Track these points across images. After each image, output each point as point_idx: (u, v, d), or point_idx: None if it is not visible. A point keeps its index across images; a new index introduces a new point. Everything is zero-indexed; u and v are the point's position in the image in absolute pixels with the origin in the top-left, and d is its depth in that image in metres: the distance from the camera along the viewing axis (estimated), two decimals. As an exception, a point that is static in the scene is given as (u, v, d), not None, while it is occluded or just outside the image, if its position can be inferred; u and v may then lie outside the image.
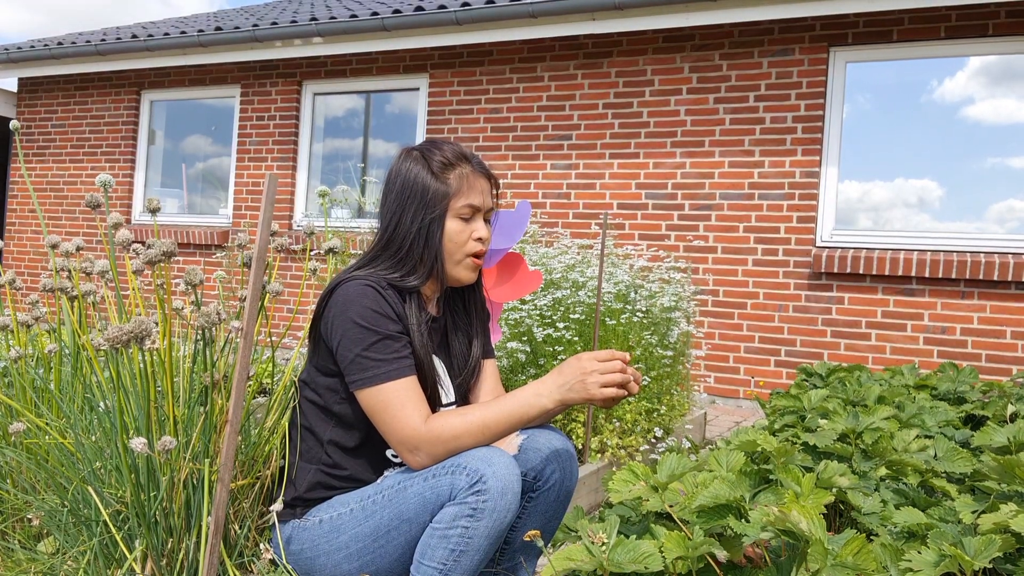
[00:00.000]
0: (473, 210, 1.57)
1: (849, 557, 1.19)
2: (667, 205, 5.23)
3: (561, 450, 1.58)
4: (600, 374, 1.39)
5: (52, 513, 1.65)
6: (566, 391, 1.41)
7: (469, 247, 1.58)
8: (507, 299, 2.34)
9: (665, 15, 4.93)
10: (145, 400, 1.53)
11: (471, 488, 1.34)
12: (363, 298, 1.47)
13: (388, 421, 1.44)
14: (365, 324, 1.46)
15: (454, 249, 1.57)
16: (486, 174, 1.61)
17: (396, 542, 1.43)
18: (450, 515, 1.35)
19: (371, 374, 1.44)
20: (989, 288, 4.45)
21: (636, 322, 3.11)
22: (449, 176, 1.56)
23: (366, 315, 1.46)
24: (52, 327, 2.01)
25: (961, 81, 4.83)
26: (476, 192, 1.57)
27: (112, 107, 7.31)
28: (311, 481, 1.56)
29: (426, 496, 1.39)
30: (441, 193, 1.55)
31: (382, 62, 6.19)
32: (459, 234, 1.57)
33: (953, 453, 1.87)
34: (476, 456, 1.38)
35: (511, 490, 1.35)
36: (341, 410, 1.55)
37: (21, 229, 7.74)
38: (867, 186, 4.95)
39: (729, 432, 4.01)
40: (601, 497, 2.64)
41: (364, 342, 1.45)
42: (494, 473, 1.34)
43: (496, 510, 1.34)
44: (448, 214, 1.56)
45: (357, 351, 1.45)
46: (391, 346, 1.47)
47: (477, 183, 1.58)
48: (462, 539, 1.34)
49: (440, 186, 1.55)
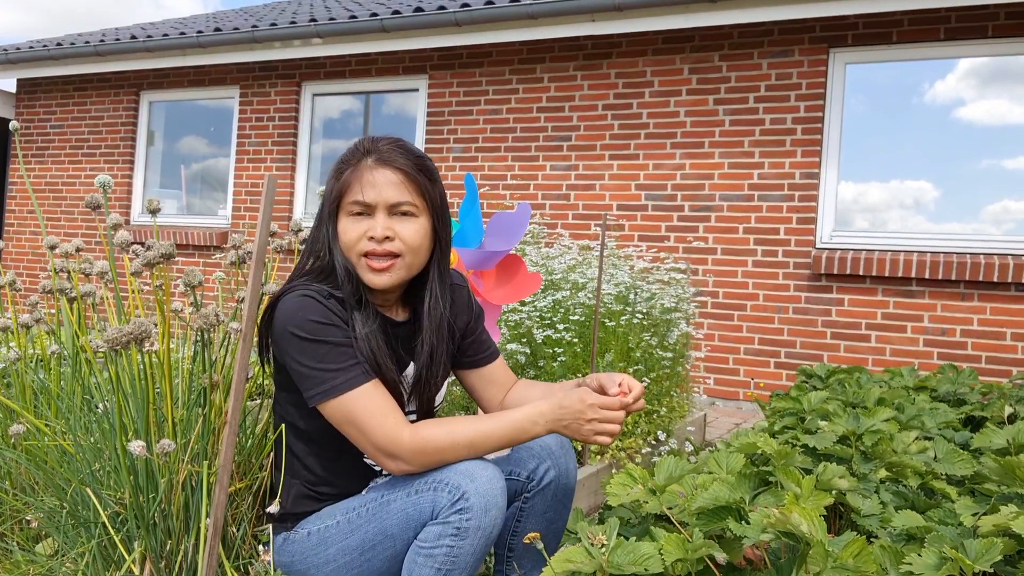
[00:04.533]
0: (363, 206, 1.43)
1: (849, 559, 1.19)
2: (667, 206, 5.22)
3: (554, 447, 1.55)
4: (599, 422, 1.39)
5: (51, 515, 1.64)
6: (561, 426, 1.40)
7: (360, 247, 1.43)
8: (506, 301, 2.33)
9: (664, 16, 4.92)
10: (144, 402, 1.52)
11: (453, 506, 1.31)
12: (302, 310, 1.39)
13: (358, 431, 1.38)
14: (310, 337, 1.38)
15: (347, 250, 1.45)
16: (393, 166, 1.43)
17: (381, 556, 1.41)
18: (434, 534, 1.32)
19: (328, 386, 1.38)
20: (989, 290, 4.45)
21: (636, 324, 3.11)
22: (345, 172, 1.45)
23: (309, 327, 1.38)
24: (51, 328, 2.01)
25: (957, 83, 4.84)
26: (367, 186, 1.42)
27: (111, 108, 7.30)
28: (295, 496, 1.53)
29: (408, 512, 1.36)
30: (335, 190, 1.45)
31: (381, 63, 6.19)
32: (346, 233, 1.44)
33: (953, 455, 1.87)
34: (458, 471, 1.34)
35: (495, 505, 1.32)
36: (307, 425, 1.49)
37: (20, 230, 7.74)
38: (863, 187, 4.95)
39: (729, 434, 4.01)
40: (601, 499, 2.64)
41: (314, 355, 1.38)
42: (476, 490, 1.31)
43: (481, 527, 1.31)
44: (340, 213, 1.45)
45: (310, 364, 1.38)
46: (344, 353, 1.39)
47: (372, 176, 1.42)
48: (448, 558, 1.32)
49: (336, 185, 1.45)
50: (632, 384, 1.45)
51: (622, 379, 1.46)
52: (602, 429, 1.39)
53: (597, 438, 1.40)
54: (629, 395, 1.43)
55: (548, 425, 1.40)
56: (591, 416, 1.39)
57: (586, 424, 1.39)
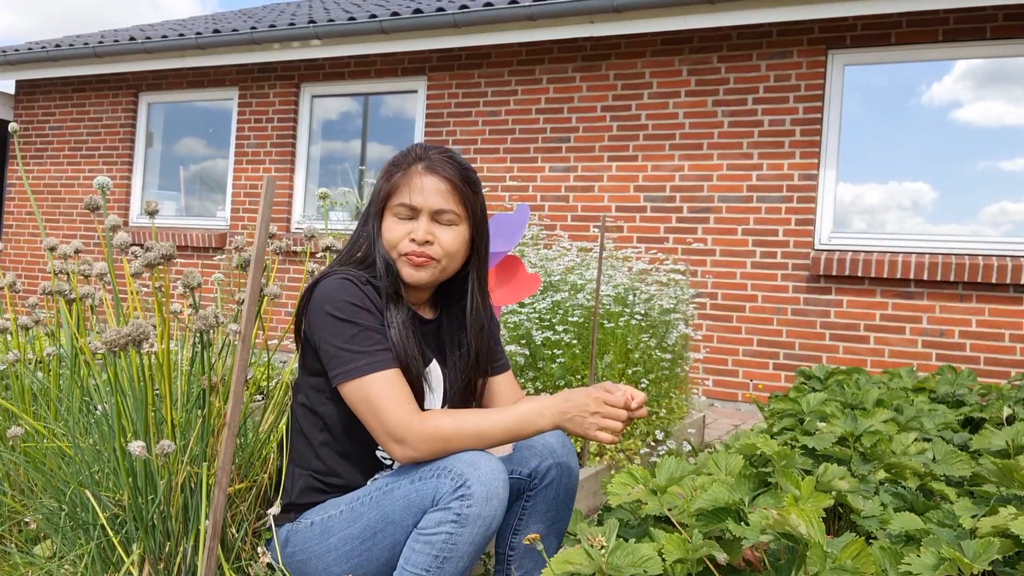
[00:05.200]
0: (409, 209, 1.52)
1: (848, 560, 1.19)
2: (665, 208, 5.23)
3: (557, 446, 1.57)
4: (602, 417, 1.41)
5: (49, 516, 1.64)
6: (566, 419, 1.43)
7: (402, 246, 1.53)
8: (506, 302, 2.34)
9: (663, 18, 4.93)
10: (143, 403, 1.52)
11: (455, 492, 1.33)
12: (341, 292, 1.46)
13: (372, 413, 1.42)
14: (344, 317, 1.44)
15: (389, 247, 1.54)
16: (441, 174, 1.53)
17: (382, 544, 1.42)
18: (434, 520, 1.34)
19: (352, 366, 1.43)
20: (988, 291, 4.46)
21: (635, 325, 3.11)
22: (395, 175, 1.55)
23: (344, 308, 1.45)
24: (50, 330, 2.01)
25: (954, 84, 4.84)
26: (414, 191, 1.52)
27: (110, 109, 7.31)
28: (302, 487, 1.55)
29: (411, 498, 1.38)
30: (384, 192, 1.55)
31: (380, 64, 6.19)
32: (390, 232, 1.54)
33: (952, 456, 1.87)
34: (462, 459, 1.36)
35: (496, 496, 1.34)
36: (326, 411, 1.53)
37: (19, 231, 7.73)
38: (861, 189, 4.96)
39: (728, 435, 4.01)
40: (600, 500, 2.64)
41: (344, 335, 1.44)
42: (479, 478, 1.33)
43: (481, 516, 1.32)
44: (386, 212, 1.55)
45: (338, 344, 1.44)
46: (372, 337, 1.45)
47: (420, 182, 1.52)
48: (446, 545, 1.33)
49: (385, 185, 1.56)
50: (635, 394, 1.49)
51: (626, 389, 1.50)
52: (605, 424, 1.41)
53: (600, 434, 1.41)
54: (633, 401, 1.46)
55: (553, 418, 1.42)
56: (595, 409, 1.41)
57: (590, 417, 1.41)
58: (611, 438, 1.42)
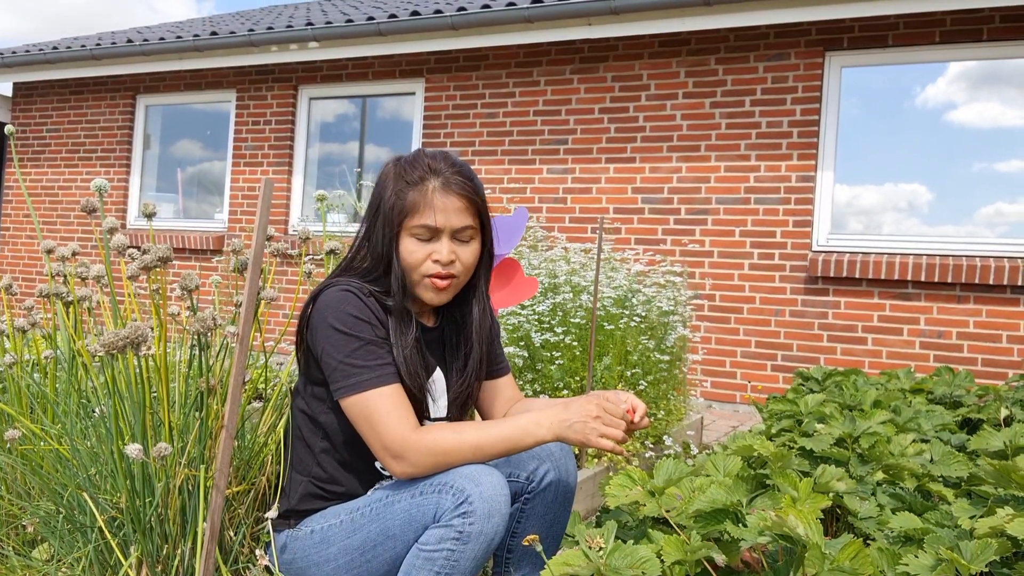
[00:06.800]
0: (430, 231, 1.48)
1: (846, 561, 1.19)
2: (663, 210, 5.23)
3: (554, 449, 1.57)
4: (604, 424, 1.40)
5: (47, 519, 1.64)
6: (566, 428, 1.41)
7: (425, 268, 1.49)
8: (504, 305, 2.34)
9: (660, 20, 4.93)
10: (141, 406, 1.52)
11: (456, 509, 1.32)
12: (344, 304, 1.45)
13: (371, 428, 1.41)
14: (346, 330, 1.43)
15: (409, 270, 1.50)
16: (458, 192, 1.49)
17: (382, 558, 1.42)
18: (436, 537, 1.33)
19: (353, 381, 1.42)
20: (985, 292, 4.47)
21: (633, 327, 3.12)
22: (409, 193, 1.48)
23: (347, 320, 1.43)
24: (47, 333, 2.00)
25: (948, 86, 4.85)
26: (436, 212, 1.47)
27: (107, 111, 7.30)
28: (302, 493, 1.54)
29: (412, 513, 1.37)
30: (398, 210, 1.49)
31: (378, 67, 6.20)
32: (411, 254, 1.49)
33: (949, 457, 1.87)
34: (463, 474, 1.35)
35: (498, 512, 1.33)
36: (326, 420, 1.52)
37: (16, 234, 7.72)
38: (858, 190, 4.96)
39: (726, 437, 4.01)
40: (598, 502, 2.64)
41: (346, 348, 1.43)
42: (480, 494, 1.32)
43: (483, 533, 1.31)
44: (403, 233, 1.50)
45: (339, 357, 1.43)
46: (374, 352, 1.44)
47: (440, 201, 1.47)
48: (448, 562, 1.32)
49: (399, 203, 1.49)
50: (637, 404, 1.49)
51: (627, 398, 1.50)
52: (606, 431, 1.40)
53: (602, 441, 1.40)
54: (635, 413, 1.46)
55: (553, 428, 1.41)
56: (596, 414, 1.40)
57: (592, 422, 1.40)
58: (613, 445, 1.41)
